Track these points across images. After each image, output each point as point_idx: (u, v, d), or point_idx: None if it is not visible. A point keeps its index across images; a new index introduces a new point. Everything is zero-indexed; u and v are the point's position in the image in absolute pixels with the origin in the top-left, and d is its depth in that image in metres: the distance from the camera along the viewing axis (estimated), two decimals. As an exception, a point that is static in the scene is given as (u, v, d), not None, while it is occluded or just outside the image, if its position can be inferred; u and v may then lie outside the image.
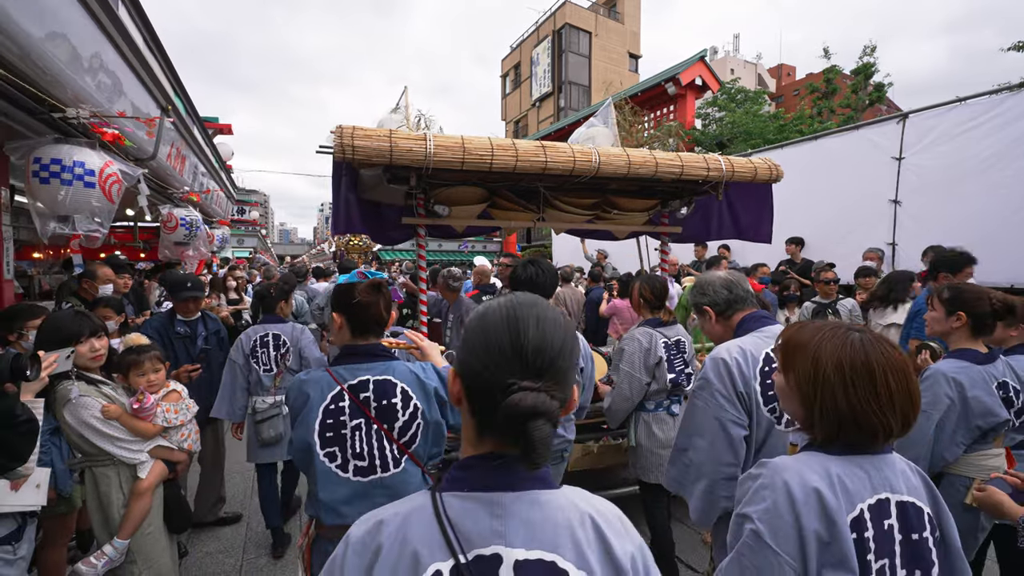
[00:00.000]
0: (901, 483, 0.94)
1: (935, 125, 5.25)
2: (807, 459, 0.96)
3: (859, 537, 0.89)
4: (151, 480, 2.17)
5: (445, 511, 0.65)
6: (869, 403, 0.92)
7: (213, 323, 3.21)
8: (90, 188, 2.42)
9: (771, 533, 0.89)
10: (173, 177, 4.60)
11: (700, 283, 1.83)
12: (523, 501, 0.66)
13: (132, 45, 2.98)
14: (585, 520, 0.67)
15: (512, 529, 0.64)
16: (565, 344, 0.70)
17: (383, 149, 2.46)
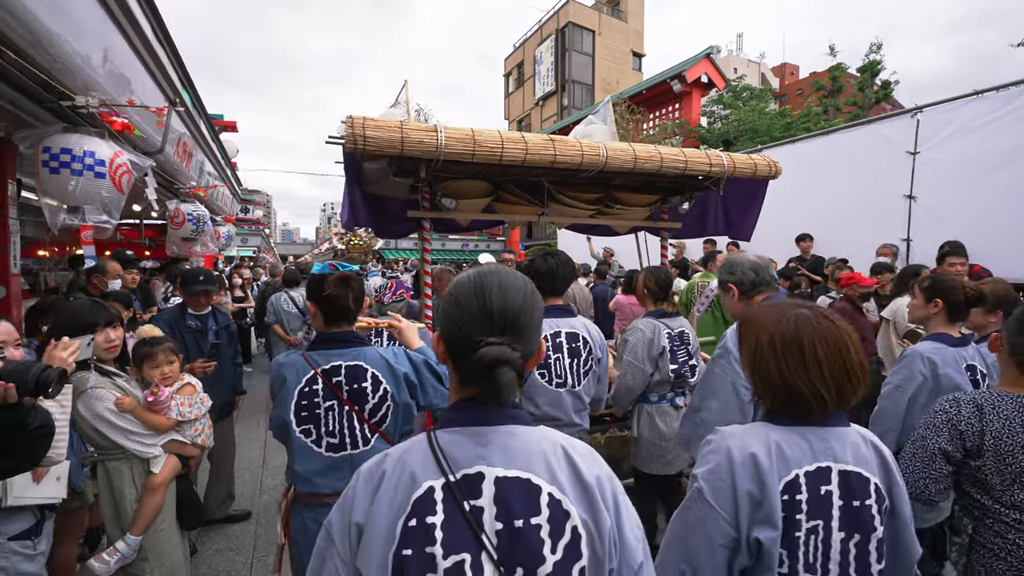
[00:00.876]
0: (848, 454, 1.01)
1: (952, 119, 5.17)
2: (753, 428, 1.06)
3: (791, 499, 0.98)
4: (164, 475, 2.12)
5: (438, 442, 0.78)
6: (798, 373, 1.00)
7: (223, 317, 3.17)
8: (100, 178, 2.37)
9: (711, 491, 1.00)
10: (180, 172, 4.55)
11: (730, 262, 1.95)
12: (501, 432, 0.79)
13: (142, 35, 2.92)
14: (557, 448, 0.80)
15: (493, 453, 0.77)
16: (525, 304, 0.83)
17: (395, 140, 2.43)
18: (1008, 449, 1.31)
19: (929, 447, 1.45)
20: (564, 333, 2.23)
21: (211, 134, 5.79)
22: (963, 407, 1.41)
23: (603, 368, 2.35)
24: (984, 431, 1.34)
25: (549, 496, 0.75)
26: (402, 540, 0.72)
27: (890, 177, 5.70)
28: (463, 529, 0.72)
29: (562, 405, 2.21)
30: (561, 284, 2.30)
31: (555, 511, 0.74)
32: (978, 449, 1.35)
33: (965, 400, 1.42)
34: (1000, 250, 4.61)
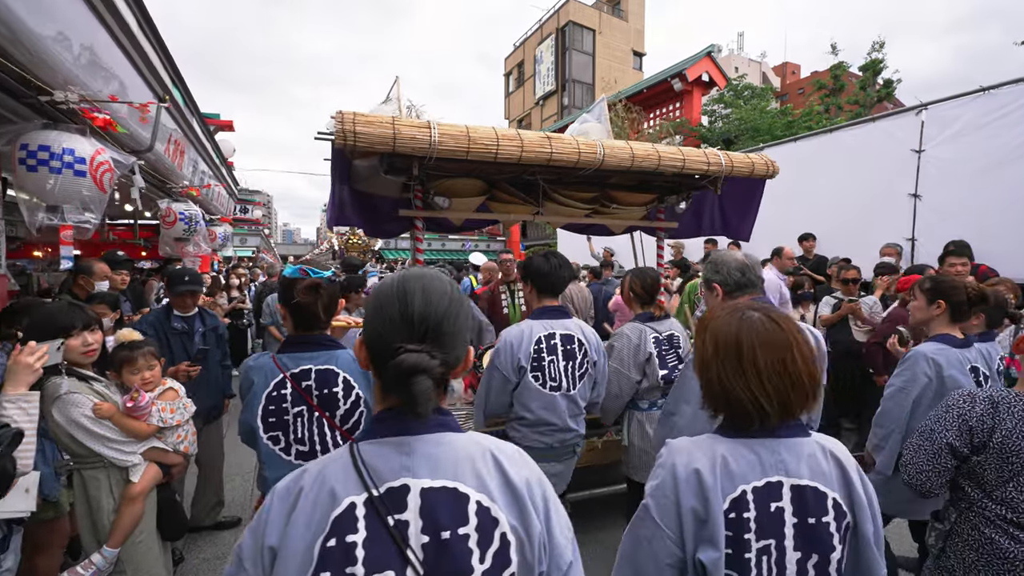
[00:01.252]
0: (803, 468, 0.95)
1: (958, 116, 5.08)
2: (701, 441, 1.01)
3: (737, 517, 0.92)
4: (144, 484, 2.04)
5: (360, 455, 0.75)
6: (736, 380, 0.95)
7: (211, 319, 3.08)
8: (80, 177, 2.29)
9: (656, 508, 0.97)
10: (172, 171, 4.48)
11: (716, 260, 1.86)
12: (427, 441, 0.76)
13: (127, 30, 2.85)
14: (486, 454, 0.78)
15: (418, 463, 0.74)
16: (449, 311, 0.80)
17: (386, 136, 2.36)
18: (1014, 448, 1.29)
19: (937, 440, 1.43)
20: (559, 335, 2.16)
21: (205, 133, 5.72)
22: (977, 403, 1.39)
23: (599, 371, 2.27)
24: (995, 428, 1.32)
25: (477, 504, 0.73)
26: (320, 562, 0.68)
27: (895, 176, 5.61)
28: (387, 545, 0.70)
29: (556, 409, 2.13)
30: (560, 284, 2.22)
31: (484, 519, 0.73)
32: (984, 445, 1.34)
33: (981, 397, 1.39)
34: (1008, 250, 4.51)
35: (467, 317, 0.84)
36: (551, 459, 2.17)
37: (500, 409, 2.23)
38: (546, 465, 2.16)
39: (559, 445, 2.16)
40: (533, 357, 2.10)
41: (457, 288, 0.84)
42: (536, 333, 2.13)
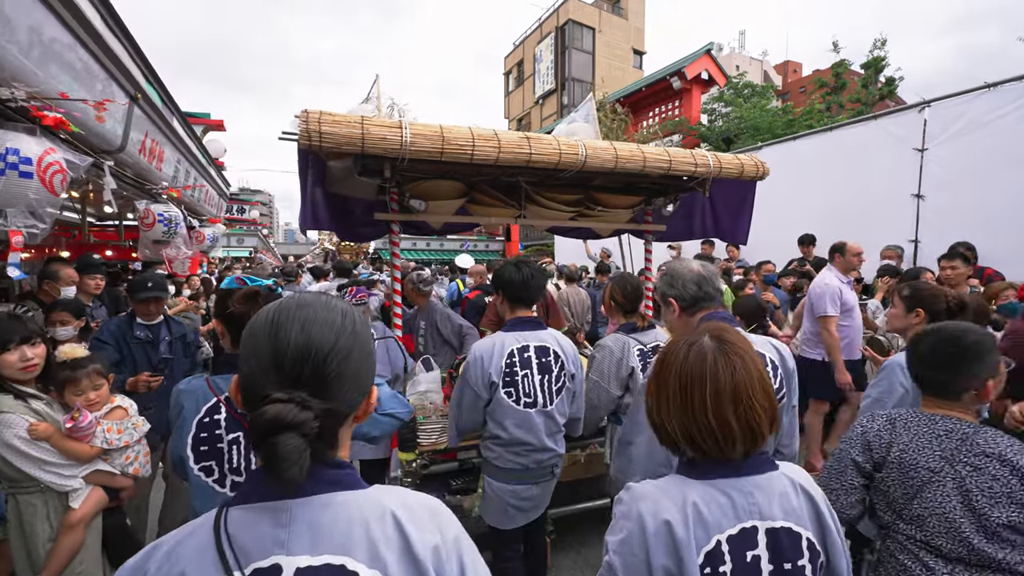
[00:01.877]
0: (776, 507, 0.89)
1: (961, 113, 4.92)
2: (668, 485, 0.92)
3: (713, 572, 0.85)
4: (85, 511, 1.90)
5: (225, 526, 0.62)
6: (682, 415, 0.90)
7: (177, 327, 2.94)
8: (27, 178, 2.15)
9: (623, 568, 0.87)
10: (150, 172, 4.34)
11: (671, 273, 1.74)
12: (312, 505, 0.64)
13: (88, 26, 2.72)
14: (385, 516, 0.65)
15: (296, 535, 0.61)
16: (337, 347, 0.66)
17: (354, 137, 2.23)
18: (911, 462, 1.29)
19: (843, 459, 1.43)
20: (533, 347, 2.01)
21: (188, 132, 5.58)
22: (876, 420, 1.40)
23: (578, 385, 2.13)
24: (892, 443, 1.33)
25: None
26: None
27: (897, 175, 5.45)
28: None
29: (532, 427, 1.98)
30: (533, 294, 2.08)
31: None
32: (884, 461, 1.34)
33: (880, 415, 1.41)
34: (1015, 252, 4.35)
35: (365, 355, 0.70)
36: (527, 481, 2.02)
37: (473, 426, 2.09)
38: (522, 488, 2.02)
39: (536, 466, 2.01)
40: (505, 372, 1.95)
41: (354, 319, 0.70)
42: (508, 346, 1.98)
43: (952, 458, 1.26)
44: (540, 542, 2.27)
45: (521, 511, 2.03)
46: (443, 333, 3.60)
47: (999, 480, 1.21)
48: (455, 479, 2.69)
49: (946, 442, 1.28)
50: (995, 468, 1.22)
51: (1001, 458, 1.22)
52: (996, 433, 1.28)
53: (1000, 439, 1.26)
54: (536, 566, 2.26)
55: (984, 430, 1.28)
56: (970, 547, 1.21)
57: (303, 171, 2.59)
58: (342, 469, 0.68)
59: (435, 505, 0.72)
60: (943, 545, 1.24)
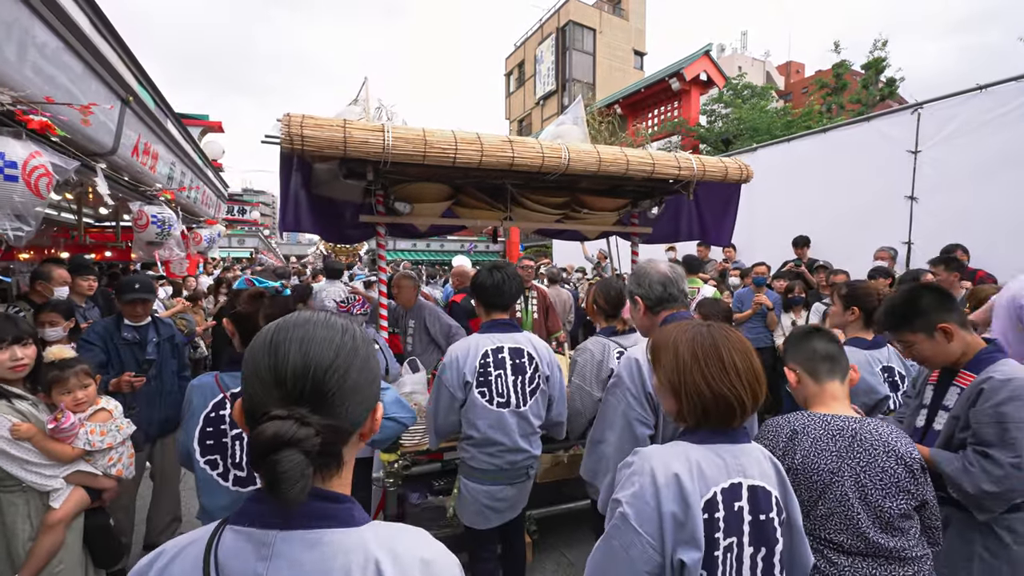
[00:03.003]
0: (755, 469, 1.05)
1: (954, 115, 4.91)
2: (672, 447, 1.07)
3: (710, 517, 0.98)
4: (66, 511, 1.93)
5: (216, 548, 0.62)
6: (723, 379, 1.04)
7: (166, 328, 2.97)
8: (11, 182, 2.18)
9: (636, 516, 0.98)
10: (143, 174, 4.38)
11: (638, 272, 1.84)
12: (295, 541, 0.62)
13: (76, 30, 2.75)
14: (368, 566, 0.61)
15: (274, 571, 0.60)
16: (336, 364, 0.66)
17: (336, 140, 2.25)
18: (813, 466, 1.34)
19: None
20: (507, 348, 2.04)
21: (183, 134, 5.62)
22: (780, 434, 1.41)
23: (553, 386, 2.14)
24: (796, 451, 1.38)
25: None
26: None
27: (890, 177, 5.44)
28: None
29: (505, 428, 2.00)
30: (507, 298, 2.10)
31: None
32: (790, 468, 1.36)
33: (784, 430, 1.41)
34: (1008, 255, 4.34)
35: (367, 370, 0.69)
36: (501, 482, 2.04)
37: (450, 428, 2.10)
38: (496, 489, 2.04)
39: (509, 467, 2.02)
40: (479, 372, 1.98)
41: (354, 334, 0.70)
42: (483, 347, 2.01)
43: (846, 455, 1.32)
44: (518, 542, 2.29)
45: (496, 512, 2.04)
46: (431, 333, 3.61)
47: (888, 471, 1.28)
48: (438, 480, 2.71)
49: (839, 441, 1.33)
50: (883, 460, 1.29)
51: (886, 447, 1.29)
52: (878, 424, 1.35)
53: (882, 428, 1.33)
54: (514, 567, 2.27)
55: (867, 422, 1.35)
56: (867, 540, 1.28)
57: (285, 173, 2.62)
58: (338, 504, 0.66)
59: (430, 557, 0.67)
60: (844, 541, 1.30)
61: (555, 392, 2.16)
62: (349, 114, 3.26)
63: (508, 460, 2.01)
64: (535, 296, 4.46)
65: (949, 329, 1.59)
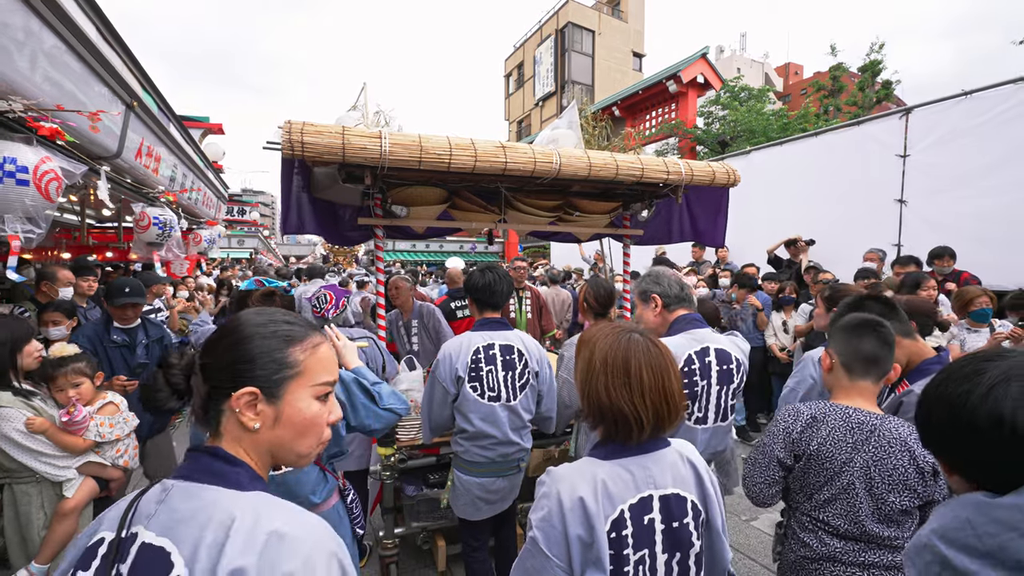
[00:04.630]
0: (668, 477, 1.05)
1: (942, 120, 5.01)
2: (582, 466, 1.06)
3: (617, 536, 0.99)
4: (78, 500, 2.02)
5: (144, 492, 0.73)
6: (622, 392, 1.03)
7: (156, 330, 3.03)
8: (23, 186, 2.27)
9: (545, 540, 1.00)
10: (147, 176, 4.47)
11: (656, 273, 1.92)
12: (182, 491, 0.71)
13: (82, 37, 2.84)
14: (224, 523, 0.67)
15: (159, 514, 0.69)
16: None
17: (335, 147, 2.33)
18: (827, 454, 1.39)
19: (768, 454, 1.51)
20: (498, 345, 2.13)
21: (185, 137, 5.71)
22: (799, 419, 1.47)
23: (543, 382, 2.24)
24: (813, 438, 1.42)
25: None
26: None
27: (880, 180, 5.54)
28: None
29: (497, 421, 2.09)
30: (498, 298, 2.20)
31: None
32: (804, 453, 1.44)
33: (804, 414, 1.47)
34: (995, 257, 4.44)
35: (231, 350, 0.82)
36: (493, 474, 2.13)
37: (444, 422, 2.20)
38: (488, 481, 2.13)
39: (501, 460, 2.12)
40: (471, 367, 2.07)
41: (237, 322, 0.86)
42: (474, 344, 2.10)
43: (861, 448, 1.37)
44: (509, 534, 2.38)
45: (488, 503, 2.14)
46: (430, 329, 3.72)
47: (899, 469, 1.33)
48: (432, 473, 2.79)
49: (857, 434, 1.39)
50: (896, 457, 1.34)
51: (903, 446, 1.34)
52: (900, 423, 1.39)
53: (903, 429, 1.37)
54: (505, 557, 2.36)
55: (889, 419, 1.40)
56: (863, 528, 1.35)
57: (286, 178, 2.71)
58: (229, 465, 0.75)
59: (286, 531, 0.68)
60: (840, 526, 1.38)
61: (544, 388, 2.25)
62: (348, 120, 3.35)
63: (500, 453, 2.10)
64: (528, 296, 4.56)
65: None
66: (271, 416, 0.79)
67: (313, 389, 0.83)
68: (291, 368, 0.81)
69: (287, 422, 0.80)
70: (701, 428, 1.78)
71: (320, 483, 1.57)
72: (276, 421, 0.80)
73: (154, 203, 4.86)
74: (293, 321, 0.87)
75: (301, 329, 0.86)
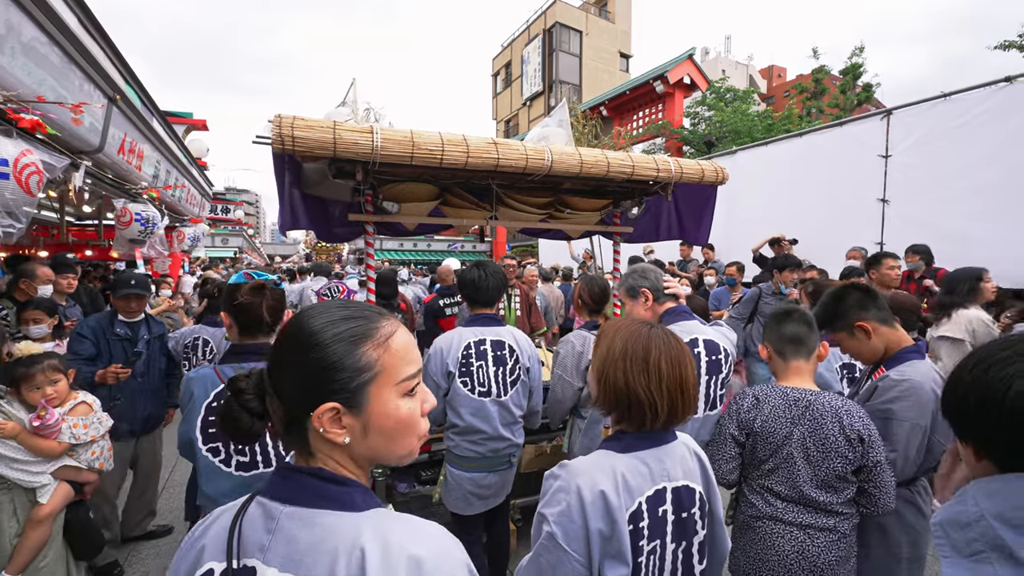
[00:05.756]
0: (679, 470, 1.09)
1: (921, 122, 5.12)
2: (599, 459, 1.07)
3: (635, 528, 1.01)
4: (53, 506, 1.96)
5: (242, 517, 0.67)
6: (639, 378, 1.06)
7: (157, 327, 2.99)
8: (3, 179, 2.20)
9: (563, 535, 0.99)
10: (129, 172, 4.38)
11: (644, 268, 1.97)
12: (296, 519, 0.66)
13: (66, 31, 2.77)
14: (355, 551, 0.62)
15: (275, 546, 0.64)
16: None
17: (326, 141, 2.29)
18: (770, 429, 1.54)
19: (724, 433, 1.65)
20: (489, 340, 2.13)
21: (169, 132, 5.60)
22: (745, 400, 1.62)
23: (533, 378, 2.24)
24: (757, 416, 1.56)
25: None
26: None
27: (863, 180, 5.64)
28: None
29: (487, 416, 2.09)
30: (490, 294, 2.20)
31: None
32: (751, 431, 1.57)
33: (750, 394, 1.63)
34: (973, 255, 4.53)
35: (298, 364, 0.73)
36: (485, 469, 2.12)
37: (436, 416, 2.18)
38: (479, 476, 2.12)
39: (492, 455, 2.11)
40: (462, 363, 2.07)
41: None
42: (465, 339, 2.10)
43: (798, 422, 1.52)
44: (502, 529, 2.38)
45: (480, 498, 2.13)
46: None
47: (830, 438, 1.47)
48: (425, 470, 2.78)
49: (795, 409, 1.53)
50: (828, 428, 1.47)
51: (835, 417, 1.48)
52: (833, 397, 1.53)
53: (836, 401, 1.51)
54: (498, 552, 2.36)
55: (822, 395, 1.54)
56: (801, 493, 1.51)
57: (279, 173, 2.67)
58: (340, 486, 0.69)
59: (423, 554, 0.64)
60: (782, 491, 1.54)
61: (535, 384, 2.26)
62: (338, 115, 3.32)
63: (491, 448, 2.10)
64: (518, 294, 4.57)
65: (867, 327, 1.71)
66: (359, 427, 0.71)
67: (398, 387, 0.73)
68: (367, 371, 0.70)
69: (378, 429, 0.72)
70: (691, 418, 1.80)
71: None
72: (366, 430, 0.71)
73: (136, 199, 4.76)
74: (354, 313, 0.74)
75: (365, 321, 0.73)
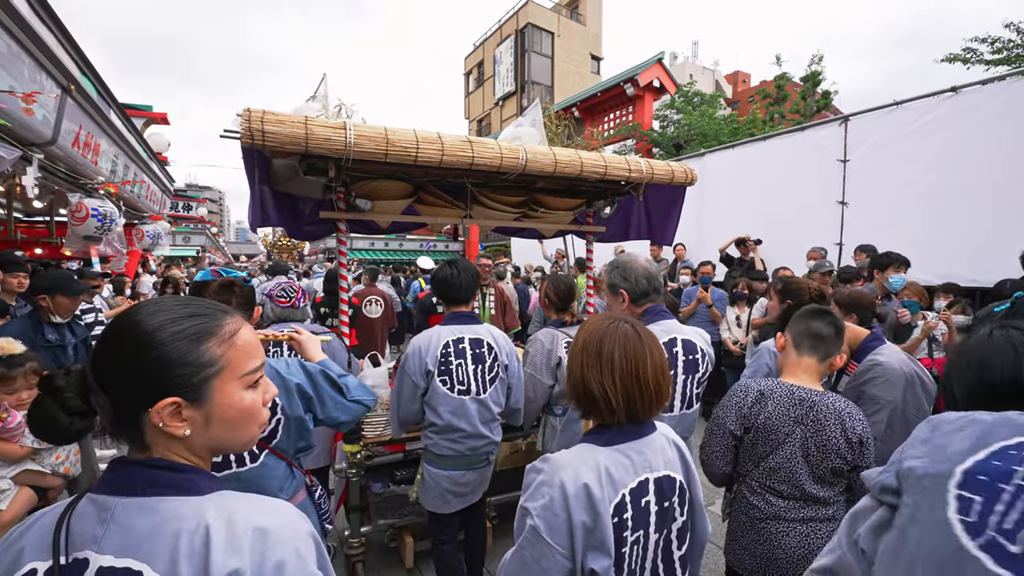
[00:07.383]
0: (659, 460, 1.10)
1: (875, 128, 5.39)
2: (582, 453, 1.07)
3: (620, 520, 1.02)
4: (14, 512, 1.88)
5: (71, 512, 0.66)
6: (591, 370, 1.07)
7: (81, 330, 2.84)
8: (-53, 172, 2.09)
9: (547, 528, 0.99)
10: (84, 166, 4.19)
11: (623, 267, 1.92)
12: (134, 508, 0.65)
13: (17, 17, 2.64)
14: (199, 530, 0.64)
15: (109, 535, 0.63)
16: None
17: (298, 137, 2.26)
18: (772, 427, 1.55)
19: (722, 426, 1.65)
20: (467, 339, 2.14)
21: (127, 125, 5.38)
22: (749, 395, 1.61)
23: (512, 375, 2.26)
24: (760, 412, 1.56)
25: None
26: None
27: (823, 183, 5.89)
28: None
29: (466, 414, 2.10)
30: (464, 290, 2.21)
31: None
32: (752, 426, 1.58)
33: (753, 389, 1.61)
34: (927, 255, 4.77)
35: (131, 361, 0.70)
36: (463, 467, 2.13)
37: (413, 416, 2.18)
38: (457, 474, 2.13)
39: (471, 453, 2.12)
40: (440, 361, 2.07)
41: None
42: (444, 338, 2.10)
43: (801, 421, 1.53)
44: (479, 527, 2.39)
45: (458, 496, 2.14)
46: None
47: (831, 439, 1.50)
48: (400, 469, 2.76)
49: (799, 408, 1.54)
50: (830, 429, 1.50)
51: (837, 418, 1.50)
52: (837, 399, 1.55)
53: (839, 403, 1.53)
54: (474, 550, 2.37)
55: (827, 395, 1.56)
56: (802, 490, 1.54)
57: (250, 169, 2.60)
58: (178, 472, 0.69)
59: (267, 525, 0.67)
60: (784, 490, 1.56)
61: (513, 381, 2.27)
62: (308, 110, 3.24)
63: (469, 446, 2.11)
64: (492, 293, 4.58)
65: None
66: (201, 418, 0.72)
67: (242, 380, 0.75)
68: (211, 366, 0.71)
69: (222, 419, 0.73)
70: (668, 415, 1.85)
71: (287, 478, 1.52)
72: (208, 421, 0.72)
73: (93, 195, 4.55)
74: (196, 311, 0.74)
75: (209, 318, 0.74)
